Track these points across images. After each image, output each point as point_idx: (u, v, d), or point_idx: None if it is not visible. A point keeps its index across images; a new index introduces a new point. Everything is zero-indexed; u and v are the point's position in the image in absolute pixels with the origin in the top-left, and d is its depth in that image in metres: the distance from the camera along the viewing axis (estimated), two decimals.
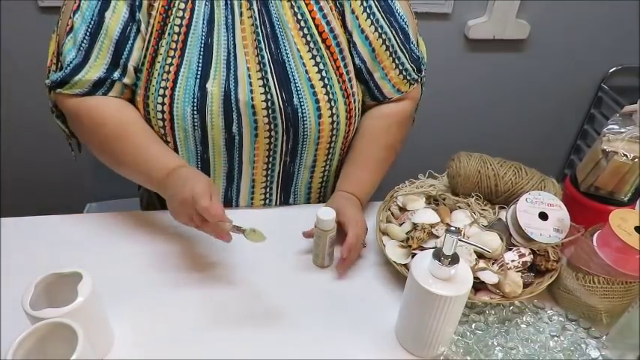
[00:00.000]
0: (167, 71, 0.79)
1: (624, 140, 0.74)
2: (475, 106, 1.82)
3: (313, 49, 0.82)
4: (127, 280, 0.76)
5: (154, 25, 0.79)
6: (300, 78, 0.82)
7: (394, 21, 0.85)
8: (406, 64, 0.88)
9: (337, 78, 0.84)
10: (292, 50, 0.81)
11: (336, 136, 0.88)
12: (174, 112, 0.80)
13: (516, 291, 0.71)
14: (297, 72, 0.82)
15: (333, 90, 0.84)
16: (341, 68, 0.85)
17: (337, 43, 0.83)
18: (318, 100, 0.83)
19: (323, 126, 0.85)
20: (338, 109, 0.85)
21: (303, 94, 0.82)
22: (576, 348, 0.68)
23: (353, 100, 0.87)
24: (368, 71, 0.87)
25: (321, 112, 0.83)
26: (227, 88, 0.80)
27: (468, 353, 0.66)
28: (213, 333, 0.70)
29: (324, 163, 0.92)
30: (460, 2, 1.56)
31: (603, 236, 0.70)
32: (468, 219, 0.80)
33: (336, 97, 0.84)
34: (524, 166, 0.84)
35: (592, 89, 1.83)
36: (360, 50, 0.85)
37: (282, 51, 0.81)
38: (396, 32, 0.86)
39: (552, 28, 1.65)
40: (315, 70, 0.83)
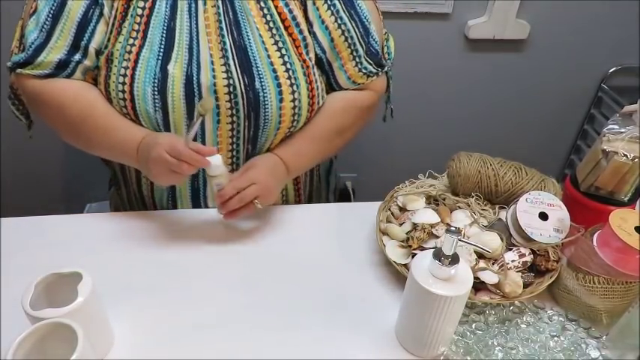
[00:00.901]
0: (129, 51, 0.80)
1: (624, 140, 0.74)
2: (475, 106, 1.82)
3: (275, 34, 0.84)
4: (126, 280, 0.76)
5: (118, 8, 0.80)
6: (262, 63, 0.83)
7: (354, 14, 0.87)
8: (363, 57, 0.90)
9: (300, 63, 0.85)
10: (254, 36, 0.83)
11: (297, 122, 0.88)
12: (134, 92, 0.80)
13: (516, 291, 0.71)
14: (259, 57, 0.83)
15: (296, 75, 0.85)
16: (303, 55, 0.86)
17: (300, 31, 0.85)
18: (280, 84, 0.83)
19: (284, 110, 0.85)
20: (300, 93, 0.85)
21: (265, 78, 0.83)
22: (576, 348, 0.68)
23: (316, 87, 0.88)
24: (327, 61, 0.89)
25: (282, 97, 0.84)
26: (189, 72, 0.81)
27: (468, 353, 0.66)
28: (213, 333, 0.70)
29: None
30: (460, 2, 1.56)
31: (603, 236, 0.70)
32: (468, 219, 0.80)
33: (298, 81, 0.85)
34: (524, 166, 0.84)
35: (592, 89, 1.83)
36: (320, 40, 0.87)
37: (244, 37, 0.83)
38: (355, 25, 0.88)
39: (552, 28, 1.65)
40: (278, 55, 0.84)
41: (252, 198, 0.80)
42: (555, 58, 1.73)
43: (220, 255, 0.82)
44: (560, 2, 1.60)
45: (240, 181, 0.80)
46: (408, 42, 1.60)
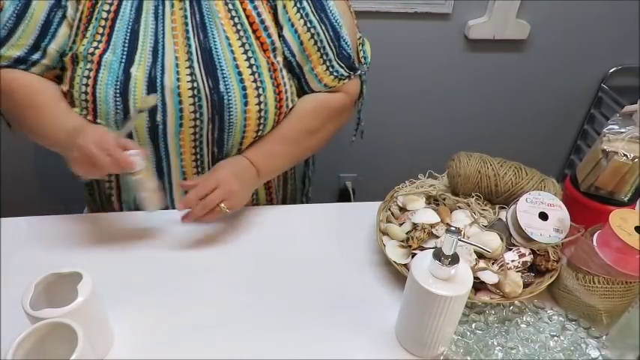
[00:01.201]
0: (92, 53, 0.81)
1: (624, 140, 0.74)
2: (475, 106, 1.82)
3: (243, 37, 0.84)
4: (126, 280, 0.76)
5: (84, 11, 0.81)
6: (227, 65, 0.83)
7: (325, 17, 0.87)
8: (333, 60, 0.89)
9: (268, 67, 0.85)
10: (221, 38, 0.83)
11: (264, 125, 0.87)
12: (96, 94, 0.80)
13: (516, 291, 0.71)
14: (224, 59, 0.83)
15: (262, 78, 0.84)
16: (271, 58, 0.86)
17: (268, 34, 0.85)
18: (245, 87, 0.83)
19: (249, 114, 0.84)
20: (266, 97, 0.85)
21: (229, 82, 0.82)
22: (576, 348, 0.68)
23: (284, 91, 0.87)
24: (298, 64, 0.89)
25: (247, 100, 0.83)
26: (152, 75, 0.81)
27: (468, 353, 0.66)
28: (212, 333, 0.70)
29: None
30: (460, 2, 1.56)
31: (603, 236, 0.70)
32: (468, 219, 0.80)
33: (265, 84, 0.85)
34: (524, 166, 0.84)
35: (592, 89, 1.83)
36: (290, 44, 0.87)
37: (209, 39, 0.83)
38: (325, 28, 0.87)
39: (552, 28, 1.65)
40: (244, 58, 0.83)
41: (217, 203, 0.79)
42: (555, 58, 1.73)
43: (220, 255, 0.82)
44: (560, 2, 1.60)
45: (203, 186, 0.79)
46: (408, 42, 1.60)
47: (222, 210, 0.80)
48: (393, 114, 1.77)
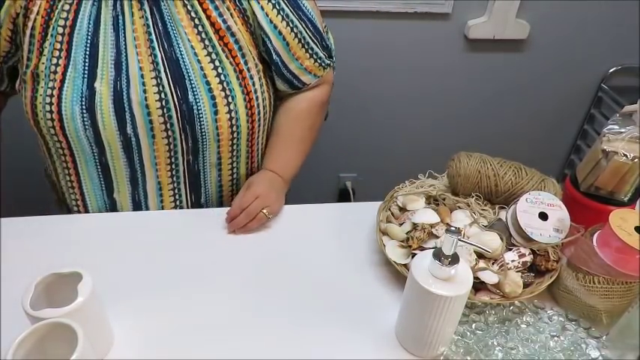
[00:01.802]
0: (54, 71, 0.80)
1: (624, 140, 0.74)
2: (475, 106, 1.82)
3: (208, 45, 0.83)
4: (126, 280, 0.76)
5: (37, 28, 0.79)
6: (195, 75, 0.82)
7: (302, 15, 0.88)
8: (319, 52, 0.92)
9: (236, 75, 0.85)
10: (186, 48, 0.82)
11: (238, 133, 0.88)
12: (62, 112, 0.80)
13: (516, 291, 0.71)
14: (191, 69, 0.82)
15: (231, 87, 0.84)
16: (241, 65, 0.85)
17: (235, 40, 0.84)
18: (214, 96, 0.83)
19: (220, 122, 0.85)
20: (236, 105, 0.85)
21: (198, 91, 0.82)
22: (576, 348, 0.68)
23: (255, 97, 0.88)
24: (284, 64, 0.90)
25: (217, 109, 0.84)
26: (118, 88, 0.80)
27: (468, 353, 0.66)
28: (212, 333, 0.70)
29: (230, 160, 0.92)
30: (460, 2, 1.56)
31: (603, 236, 0.70)
32: (468, 219, 0.80)
33: (234, 93, 0.85)
34: (524, 166, 0.84)
35: (592, 89, 1.83)
36: (275, 45, 0.87)
37: (175, 49, 0.82)
38: (305, 25, 0.89)
39: (552, 28, 1.65)
40: (211, 67, 0.83)
41: (259, 210, 0.84)
42: (555, 58, 1.73)
43: (220, 255, 0.82)
44: (560, 2, 1.60)
45: (243, 199, 0.85)
46: (408, 42, 1.60)
47: (265, 215, 0.85)
48: (393, 114, 1.77)
